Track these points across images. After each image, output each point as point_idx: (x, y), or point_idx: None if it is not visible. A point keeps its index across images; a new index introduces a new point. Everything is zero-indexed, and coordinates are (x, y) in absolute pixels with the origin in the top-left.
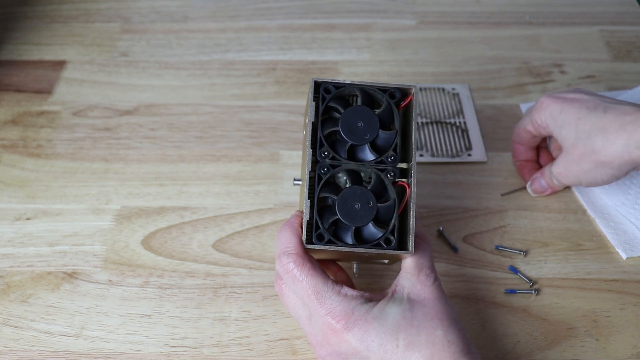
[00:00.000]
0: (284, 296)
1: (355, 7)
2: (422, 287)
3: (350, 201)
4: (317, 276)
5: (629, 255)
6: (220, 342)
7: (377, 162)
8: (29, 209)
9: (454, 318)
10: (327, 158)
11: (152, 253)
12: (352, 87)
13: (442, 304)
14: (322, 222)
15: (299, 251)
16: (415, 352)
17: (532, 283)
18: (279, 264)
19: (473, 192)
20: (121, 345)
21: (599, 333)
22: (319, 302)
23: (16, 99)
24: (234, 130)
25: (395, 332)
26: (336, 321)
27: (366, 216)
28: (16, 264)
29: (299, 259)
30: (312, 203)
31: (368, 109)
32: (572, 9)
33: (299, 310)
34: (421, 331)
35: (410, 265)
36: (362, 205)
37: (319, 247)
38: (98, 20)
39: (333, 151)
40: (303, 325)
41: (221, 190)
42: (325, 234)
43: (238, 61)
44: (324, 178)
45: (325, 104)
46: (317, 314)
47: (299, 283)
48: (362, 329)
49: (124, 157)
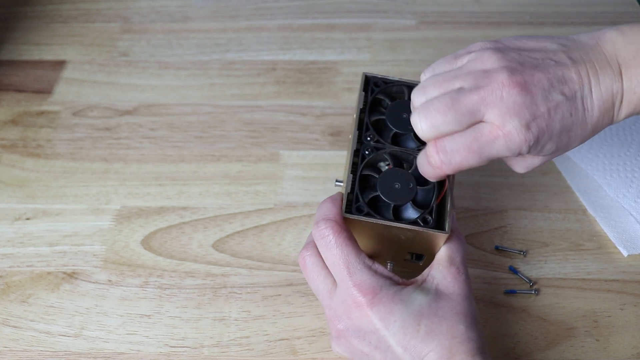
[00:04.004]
0: (306, 267)
1: (355, 7)
2: (452, 281)
3: (391, 181)
4: (351, 246)
5: (630, 252)
6: (220, 342)
7: (419, 150)
8: (29, 209)
9: (476, 318)
10: (372, 141)
11: (152, 253)
12: (400, 84)
13: (469, 302)
14: (362, 197)
15: (338, 219)
16: (435, 340)
17: (532, 283)
18: (316, 229)
19: (473, 192)
20: (121, 345)
21: (599, 333)
22: (348, 273)
23: (16, 99)
24: (233, 130)
25: (418, 317)
26: (362, 294)
27: (406, 196)
28: (16, 264)
29: (337, 226)
30: (355, 178)
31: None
32: (572, 9)
33: (320, 283)
34: (443, 322)
35: (443, 257)
36: (402, 186)
37: (357, 218)
38: (98, 20)
39: (378, 136)
40: (322, 299)
41: (221, 190)
42: (365, 207)
43: (238, 61)
44: (368, 158)
45: (374, 95)
46: (344, 285)
47: (332, 249)
48: (387, 307)
49: (124, 157)
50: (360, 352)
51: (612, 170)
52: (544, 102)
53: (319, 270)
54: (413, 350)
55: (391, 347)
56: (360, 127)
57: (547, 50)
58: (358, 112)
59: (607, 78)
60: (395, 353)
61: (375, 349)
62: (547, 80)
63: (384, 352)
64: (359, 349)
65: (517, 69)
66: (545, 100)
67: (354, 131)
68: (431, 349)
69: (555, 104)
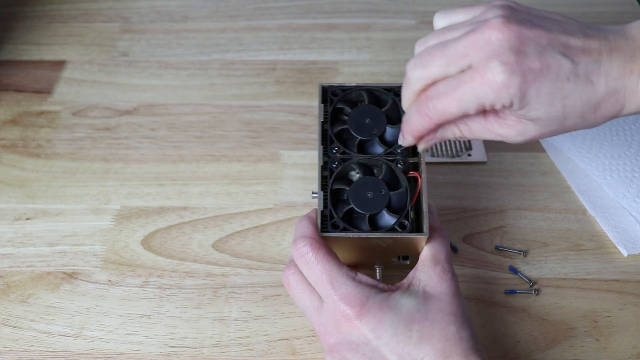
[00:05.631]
0: (290, 286)
1: (355, 7)
2: (439, 281)
3: (362, 190)
4: (332, 261)
5: (630, 252)
6: (220, 343)
7: (386, 154)
8: (29, 209)
9: (467, 315)
10: (338, 153)
11: (152, 253)
12: (358, 89)
13: (457, 300)
14: (336, 212)
15: (316, 236)
16: (428, 345)
17: (532, 283)
18: (294, 248)
19: (473, 192)
20: (121, 345)
21: (599, 333)
22: (332, 288)
23: (16, 99)
24: (233, 130)
25: (409, 323)
26: (350, 307)
27: (379, 204)
28: (16, 264)
29: (315, 243)
30: (326, 194)
31: (374, 107)
32: (572, 9)
33: (306, 301)
34: (435, 325)
35: (427, 258)
36: (374, 193)
37: (334, 235)
38: (98, 20)
39: (343, 147)
40: (310, 316)
41: (221, 190)
42: (340, 222)
43: (238, 61)
44: (336, 171)
45: (333, 106)
46: (329, 300)
47: (313, 266)
48: (376, 317)
49: (124, 157)
50: None
51: (612, 170)
52: (536, 56)
53: (303, 287)
54: (407, 357)
55: (385, 356)
56: (324, 140)
57: (561, 21)
58: (320, 125)
59: (622, 57)
60: None
61: None
62: (547, 38)
63: None
64: None
65: (517, 20)
66: (539, 54)
67: (319, 146)
68: (425, 354)
69: (551, 62)
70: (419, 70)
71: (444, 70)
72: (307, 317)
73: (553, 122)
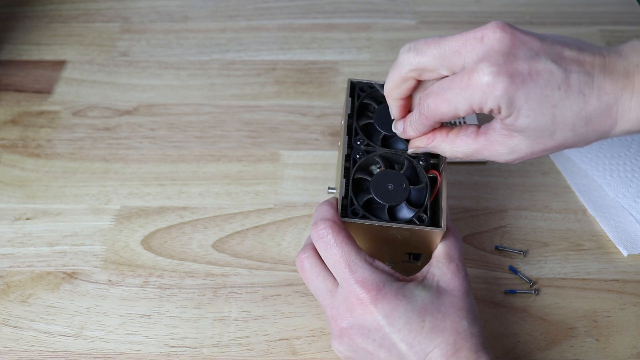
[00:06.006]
0: (304, 269)
1: (355, 7)
2: (452, 277)
3: (383, 182)
4: (351, 244)
5: (630, 252)
6: (220, 342)
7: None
8: (29, 209)
9: (477, 314)
10: (362, 145)
11: (152, 253)
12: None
13: (469, 298)
14: (356, 200)
15: (336, 219)
16: (439, 336)
17: (532, 283)
18: (314, 230)
19: (473, 192)
20: (121, 345)
21: (599, 333)
22: (350, 270)
23: (16, 99)
24: (233, 130)
25: (422, 313)
26: (366, 291)
27: (399, 196)
28: (16, 264)
29: (335, 226)
30: (348, 182)
31: None
32: (572, 9)
33: (320, 283)
34: (447, 318)
35: (441, 255)
36: (395, 186)
37: (354, 221)
38: (98, 20)
39: (367, 139)
40: (323, 299)
41: (221, 190)
42: (360, 210)
43: (238, 61)
44: (359, 162)
45: (360, 100)
46: (345, 283)
47: (332, 249)
48: (391, 303)
49: (124, 157)
50: (364, 351)
51: (612, 170)
52: (526, 61)
53: (317, 271)
54: (418, 347)
55: (396, 344)
56: (349, 132)
57: (558, 36)
58: (346, 117)
59: (616, 73)
60: (400, 350)
61: (379, 347)
62: (540, 45)
63: (388, 349)
64: (362, 347)
65: (513, 26)
66: (530, 59)
67: (344, 136)
68: (436, 345)
69: (541, 68)
70: (411, 55)
71: (435, 63)
72: (318, 301)
73: (543, 134)
